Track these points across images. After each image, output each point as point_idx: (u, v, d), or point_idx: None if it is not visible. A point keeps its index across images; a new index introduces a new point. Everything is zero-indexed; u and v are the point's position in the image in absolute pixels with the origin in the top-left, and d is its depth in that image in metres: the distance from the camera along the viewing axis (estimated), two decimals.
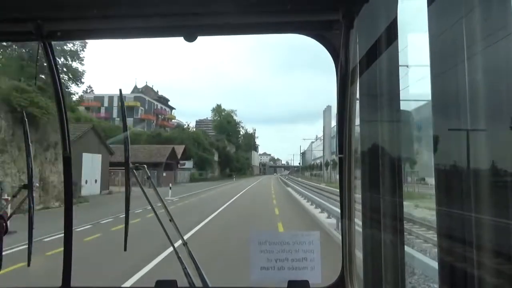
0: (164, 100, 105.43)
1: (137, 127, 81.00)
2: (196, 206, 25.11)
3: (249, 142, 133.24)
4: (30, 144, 2.36)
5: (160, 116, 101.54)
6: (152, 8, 1.98)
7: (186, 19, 2.02)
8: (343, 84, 2.00)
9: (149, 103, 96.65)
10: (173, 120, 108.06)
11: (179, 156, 55.97)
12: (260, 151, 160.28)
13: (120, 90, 2.87)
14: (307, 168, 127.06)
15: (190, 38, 2.08)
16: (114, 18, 2.02)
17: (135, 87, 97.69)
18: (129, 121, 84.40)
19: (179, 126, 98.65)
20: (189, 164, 65.51)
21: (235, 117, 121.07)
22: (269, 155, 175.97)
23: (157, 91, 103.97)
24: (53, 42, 2.19)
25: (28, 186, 2.31)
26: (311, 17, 2.00)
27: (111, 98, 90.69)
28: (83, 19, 2.04)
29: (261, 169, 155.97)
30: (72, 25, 2.09)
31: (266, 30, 2.16)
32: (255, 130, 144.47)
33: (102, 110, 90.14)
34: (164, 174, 49.08)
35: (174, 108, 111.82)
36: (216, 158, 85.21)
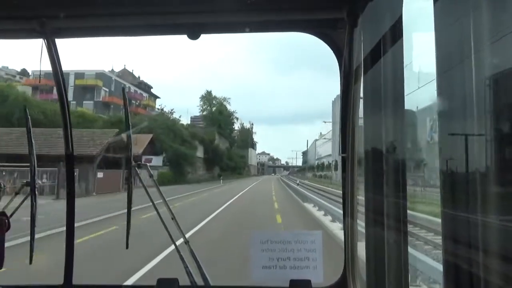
0: (144, 86, 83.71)
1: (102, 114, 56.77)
2: None
3: (246, 138, 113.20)
4: (33, 142, 2.36)
5: (133, 101, 76.52)
6: (156, 6, 1.98)
7: (189, 17, 2.02)
8: (347, 83, 1.99)
9: (117, 83, 70.25)
10: (156, 109, 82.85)
11: (140, 149, 37.36)
12: (259, 150, 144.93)
13: (123, 89, 2.88)
14: (310, 169, 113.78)
15: (194, 36, 2.07)
16: (118, 16, 2.02)
17: (112, 71, 76.07)
18: (87, 104, 63.93)
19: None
20: (158, 160, 46.05)
21: (228, 106, 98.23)
22: (268, 154, 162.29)
23: (139, 77, 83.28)
24: (57, 40, 2.19)
25: (31, 184, 2.31)
26: (315, 15, 2.00)
27: (66, 75, 61.84)
28: (87, 16, 2.04)
29: (259, 169, 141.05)
30: (77, 22, 2.09)
31: (270, 28, 2.15)
32: (252, 124, 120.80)
33: (55, 90, 66.83)
34: (100, 175, 29.20)
35: (159, 97, 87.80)
36: (200, 153, 64.60)
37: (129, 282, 7.36)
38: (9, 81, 57.02)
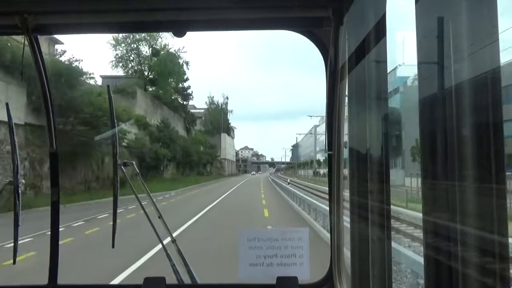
0: None
1: None
2: None
3: (216, 119, 77.60)
4: (16, 140, 2.32)
5: None
6: (141, 3, 1.96)
7: (175, 14, 2.00)
8: (332, 81, 2.00)
9: None
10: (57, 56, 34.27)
11: None
12: (241, 144, 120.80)
13: (108, 86, 2.84)
14: (304, 165, 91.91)
15: (179, 33, 2.07)
16: (102, 13, 2.00)
17: None
18: None
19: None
20: None
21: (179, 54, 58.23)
22: (252, 149, 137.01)
23: None
24: (39, 36, 2.15)
25: (14, 183, 2.28)
26: (301, 13, 2.00)
27: None
28: (70, 13, 2.01)
29: (240, 165, 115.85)
30: (59, 19, 2.06)
31: (256, 26, 2.15)
32: (227, 98, 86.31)
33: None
34: None
35: (61, 43, 34.35)
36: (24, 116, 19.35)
37: None
38: None
